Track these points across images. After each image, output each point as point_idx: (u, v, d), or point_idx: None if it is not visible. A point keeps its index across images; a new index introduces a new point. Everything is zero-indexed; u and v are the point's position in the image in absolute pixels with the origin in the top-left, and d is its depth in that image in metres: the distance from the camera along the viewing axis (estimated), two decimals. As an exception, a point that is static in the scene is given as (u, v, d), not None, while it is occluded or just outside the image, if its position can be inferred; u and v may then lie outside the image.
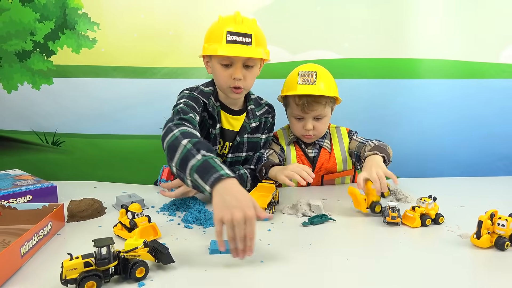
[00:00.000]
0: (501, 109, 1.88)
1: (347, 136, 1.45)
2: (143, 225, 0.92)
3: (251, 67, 1.20)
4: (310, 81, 1.31)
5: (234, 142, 1.30)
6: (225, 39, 1.14)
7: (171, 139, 0.96)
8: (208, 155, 0.88)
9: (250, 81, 1.22)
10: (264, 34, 1.23)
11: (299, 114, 1.35)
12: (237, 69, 1.17)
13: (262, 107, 1.35)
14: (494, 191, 1.47)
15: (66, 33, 1.76)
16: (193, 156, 0.88)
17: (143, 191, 1.31)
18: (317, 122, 1.36)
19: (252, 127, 1.30)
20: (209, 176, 0.83)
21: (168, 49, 1.79)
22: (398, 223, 1.04)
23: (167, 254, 0.78)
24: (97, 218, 1.08)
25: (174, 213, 1.11)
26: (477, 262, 0.88)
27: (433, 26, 1.81)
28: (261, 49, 1.18)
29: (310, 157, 1.43)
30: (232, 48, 1.14)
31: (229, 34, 1.14)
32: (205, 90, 1.26)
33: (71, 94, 1.80)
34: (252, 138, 1.33)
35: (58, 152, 1.87)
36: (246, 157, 1.34)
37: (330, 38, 1.82)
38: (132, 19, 1.76)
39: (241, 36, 1.14)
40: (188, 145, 0.91)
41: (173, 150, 0.93)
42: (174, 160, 0.92)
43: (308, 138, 1.39)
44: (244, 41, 1.14)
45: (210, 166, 0.85)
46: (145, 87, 1.81)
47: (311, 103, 1.31)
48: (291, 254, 0.87)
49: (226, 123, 1.30)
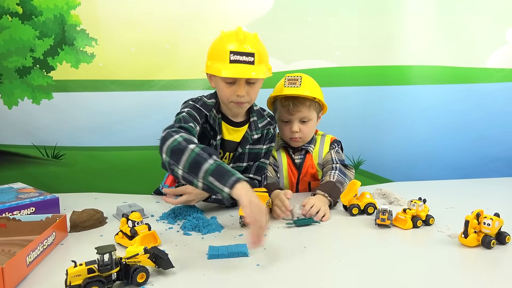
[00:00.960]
0: (490, 113, 1.93)
1: (328, 145, 1.49)
2: (143, 233, 0.95)
3: (253, 84, 1.22)
4: (295, 84, 1.39)
5: (236, 153, 1.33)
6: (229, 59, 1.15)
7: (174, 143, 1.00)
8: (219, 161, 0.96)
9: (253, 96, 1.25)
10: (265, 49, 1.25)
11: (286, 116, 1.41)
12: (240, 87, 1.19)
13: (264, 118, 1.38)
14: (484, 193, 1.51)
15: (65, 49, 1.80)
16: (205, 160, 0.94)
17: (143, 200, 1.35)
18: (303, 125, 1.41)
19: (254, 139, 1.33)
20: (227, 178, 0.91)
21: (164, 61, 1.83)
22: (388, 225, 1.08)
23: (167, 259, 0.81)
24: (98, 228, 1.11)
25: (173, 221, 1.14)
26: (465, 260, 0.92)
27: (422, 33, 1.86)
28: (263, 66, 1.20)
29: (296, 163, 1.48)
30: (235, 68, 1.15)
31: (232, 54, 1.15)
32: (207, 103, 1.28)
33: (70, 108, 1.84)
34: (253, 149, 1.36)
35: (58, 165, 1.90)
36: (246, 166, 1.37)
37: (322, 48, 1.86)
38: (129, 34, 1.81)
39: (244, 55, 1.15)
40: (197, 149, 0.97)
41: (179, 154, 0.97)
42: (181, 163, 0.96)
43: (295, 141, 1.44)
44: (247, 61, 1.16)
45: (225, 170, 0.93)
46: (143, 99, 1.85)
47: (296, 104, 1.38)
48: (286, 257, 0.91)
49: (227, 134, 1.32)
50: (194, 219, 1.11)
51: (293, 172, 1.49)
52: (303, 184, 1.49)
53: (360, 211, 1.20)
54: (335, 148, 1.48)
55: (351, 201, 1.21)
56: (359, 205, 1.20)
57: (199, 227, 1.07)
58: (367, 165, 1.98)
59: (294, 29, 1.86)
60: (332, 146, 1.49)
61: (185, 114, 1.18)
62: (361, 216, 1.20)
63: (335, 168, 1.38)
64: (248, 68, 1.16)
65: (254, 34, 1.22)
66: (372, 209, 1.20)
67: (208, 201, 1.25)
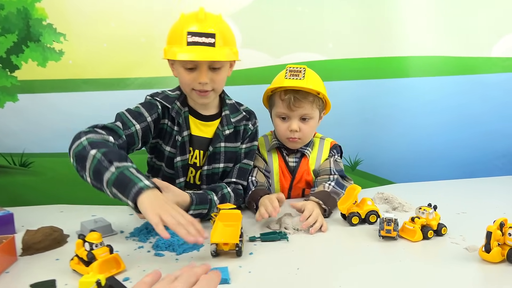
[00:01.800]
0: (496, 105, 1.80)
1: (328, 151, 1.33)
2: (103, 257, 0.79)
3: (218, 69, 1.09)
4: (298, 76, 1.21)
5: (208, 152, 1.18)
6: (186, 41, 1.02)
7: (78, 148, 0.89)
8: (122, 166, 0.84)
9: (219, 84, 1.11)
10: (231, 31, 1.12)
11: (284, 113, 1.24)
12: (202, 73, 1.06)
13: (239, 113, 1.23)
14: (495, 193, 1.39)
15: (30, 46, 1.64)
16: (106, 168, 0.84)
17: (115, 212, 1.19)
18: (303, 123, 1.25)
19: (226, 134, 1.18)
20: (128, 190, 0.81)
21: (141, 58, 1.68)
22: (394, 237, 0.93)
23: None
24: (56, 249, 0.95)
25: (144, 239, 0.98)
26: (488, 279, 0.78)
27: (421, 21, 1.73)
28: (227, 49, 1.07)
29: (290, 167, 1.31)
30: (193, 50, 1.02)
31: (190, 35, 1.02)
32: (170, 95, 1.16)
33: (38, 110, 1.68)
34: (229, 147, 1.21)
35: (27, 173, 1.74)
36: (224, 168, 1.22)
37: (313, 39, 1.72)
38: (101, 28, 1.65)
39: (203, 36, 1.02)
40: (98, 155, 0.85)
41: (82, 160, 0.87)
42: (86, 171, 0.87)
43: (292, 141, 1.27)
44: (207, 42, 1.03)
45: (127, 179, 0.82)
46: (119, 99, 1.68)
47: (298, 99, 1.21)
48: (275, 283, 0.76)
49: (195, 129, 1.17)
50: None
51: (285, 177, 1.32)
52: (296, 190, 1.32)
53: (361, 220, 1.06)
54: (334, 155, 1.32)
55: (351, 208, 1.06)
56: (359, 213, 1.05)
57: (173, 246, 0.91)
58: (364, 165, 1.84)
59: (283, 19, 1.72)
60: (331, 152, 1.33)
61: (123, 112, 1.09)
62: (362, 225, 1.06)
63: (332, 179, 1.23)
64: (208, 51, 1.03)
65: (218, 15, 1.09)
66: (375, 217, 1.05)
67: None
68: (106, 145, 0.91)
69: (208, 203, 1.08)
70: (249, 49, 1.68)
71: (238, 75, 1.67)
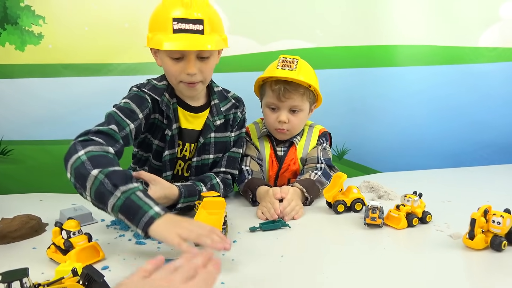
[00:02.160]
0: (483, 96, 1.81)
1: (316, 139, 1.31)
2: (80, 245, 0.76)
3: (206, 58, 1.02)
4: (290, 67, 1.18)
5: (198, 144, 1.14)
6: (172, 28, 0.95)
7: (76, 163, 0.80)
8: (128, 190, 0.76)
9: (207, 73, 1.05)
10: (219, 16, 1.06)
11: (274, 103, 1.22)
12: (190, 63, 1.00)
13: (228, 101, 1.19)
14: (481, 182, 1.40)
15: (7, 29, 1.58)
16: (111, 193, 0.76)
17: (96, 201, 1.16)
18: (292, 115, 1.22)
19: (217, 125, 1.15)
20: (138, 219, 0.74)
21: (124, 43, 1.64)
22: (379, 224, 0.93)
23: (103, 282, 0.63)
24: (33, 238, 0.92)
25: (126, 227, 0.96)
26: (472, 265, 0.78)
27: (409, 10, 1.72)
28: (216, 36, 1.01)
29: (278, 156, 1.30)
30: (180, 39, 0.95)
31: (176, 21, 0.95)
32: (158, 85, 1.08)
33: (17, 96, 1.63)
34: (220, 137, 1.17)
35: (6, 161, 1.69)
36: (214, 159, 1.18)
37: (301, 26, 1.70)
38: (83, 11, 1.60)
39: (190, 23, 0.95)
40: (100, 177, 0.77)
41: (82, 179, 0.78)
42: (87, 190, 0.78)
43: (280, 132, 1.25)
44: (195, 29, 0.96)
45: (136, 206, 0.75)
46: (101, 85, 1.65)
47: (288, 90, 1.18)
48: (259, 271, 0.74)
49: (185, 121, 1.12)
50: (150, 224, 0.93)
51: (273, 166, 1.30)
52: (282, 179, 1.30)
53: (347, 208, 1.05)
54: (323, 144, 1.30)
55: (336, 196, 1.05)
56: (345, 201, 1.04)
57: (155, 234, 0.88)
58: (351, 154, 1.84)
59: (271, 6, 1.69)
60: (320, 140, 1.30)
61: (114, 111, 0.98)
62: (348, 213, 1.05)
63: (319, 168, 1.21)
64: (196, 39, 0.96)
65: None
66: (360, 205, 1.05)
67: (174, 211, 1.03)
68: (108, 161, 0.82)
69: (197, 194, 1.04)
70: (236, 35, 1.65)
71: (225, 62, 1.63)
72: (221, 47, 1.03)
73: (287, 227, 0.95)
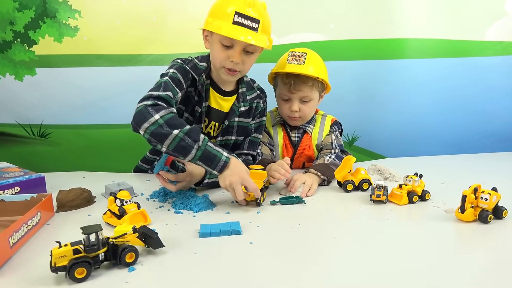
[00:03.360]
0: (487, 87, 1.90)
1: (329, 127, 1.45)
2: (132, 212, 0.92)
3: (251, 53, 1.16)
4: (299, 61, 1.31)
5: (223, 125, 1.27)
6: (232, 19, 1.08)
7: (154, 126, 0.98)
8: (203, 143, 0.99)
9: (247, 66, 1.19)
10: (270, 21, 1.18)
11: (286, 94, 1.36)
12: (236, 52, 1.12)
13: (254, 91, 1.32)
14: (479, 167, 1.51)
15: (47, 22, 1.72)
16: (191, 147, 0.97)
17: (132, 179, 1.32)
18: (303, 104, 1.36)
19: (241, 111, 1.28)
20: (214, 164, 1.00)
21: (152, 35, 1.76)
22: (384, 201, 1.06)
23: (156, 238, 0.78)
24: (86, 207, 1.08)
25: (163, 200, 1.11)
26: (462, 235, 0.90)
27: (419, 5, 1.81)
28: (265, 36, 1.14)
29: (293, 141, 1.44)
30: (237, 30, 1.08)
31: (237, 15, 1.08)
32: (198, 65, 1.21)
33: (55, 84, 1.77)
34: (242, 122, 1.31)
35: (45, 144, 1.85)
36: (235, 141, 1.32)
37: (316, 20, 1.80)
38: (114, 6, 1.73)
39: (249, 20, 1.08)
40: (180, 134, 0.97)
41: (162, 137, 0.98)
42: (165, 145, 0.98)
43: (293, 120, 1.39)
44: (251, 26, 1.09)
45: (212, 155, 1.00)
46: (131, 75, 1.79)
47: (298, 83, 1.32)
48: (280, 234, 0.89)
49: (214, 102, 1.26)
50: (185, 197, 1.08)
51: (288, 150, 1.45)
52: (297, 163, 1.45)
53: (355, 187, 1.18)
54: (335, 131, 1.44)
55: (346, 177, 1.19)
56: (353, 181, 1.18)
57: (190, 205, 1.04)
58: (361, 141, 1.96)
59: (286, 1, 1.79)
60: (332, 128, 1.44)
61: (167, 79, 1.12)
62: (356, 192, 1.18)
63: (333, 152, 1.35)
64: (251, 34, 1.09)
65: (263, 3, 1.16)
66: (367, 185, 1.18)
67: (201, 186, 1.19)
68: (180, 122, 1.00)
69: None
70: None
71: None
72: (267, 46, 1.15)
73: (302, 203, 1.10)
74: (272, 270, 0.73)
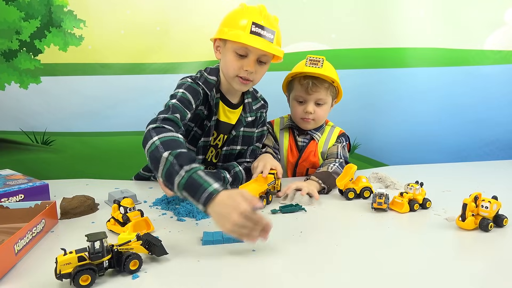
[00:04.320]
0: (487, 96, 1.92)
1: (336, 137, 1.48)
2: (135, 219, 0.93)
3: (263, 64, 1.18)
4: (317, 65, 1.37)
5: (230, 136, 1.29)
6: (250, 29, 1.10)
7: (151, 148, 0.92)
8: (191, 169, 0.84)
9: (259, 76, 1.21)
10: (281, 34, 1.20)
11: (302, 96, 1.39)
12: (250, 62, 1.14)
13: (258, 101, 1.35)
14: (480, 175, 1.51)
15: (52, 31, 1.75)
16: (177, 172, 0.84)
17: (135, 186, 1.33)
18: (317, 107, 1.40)
19: (248, 121, 1.30)
20: (199, 195, 0.81)
21: (156, 44, 1.79)
22: (385, 209, 1.07)
23: (160, 246, 0.79)
24: (90, 215, 1.09)
25: (166, 207, 1.12)
26: (463, 243, 0.91)
27: (419, 14, 1.83)
28: (278, 47, 1.17)
29: (299, 145, 1.46)
30: (255, 39, 1.10)
31: (255, 25, 1.10)
32: (209, 80, 1.21)
33: (59, 92, 1.80)
34: (247, 132, 1.33)
35: (48, 151, 1.87)
36: (240, 151, 1.34)
37: (318, 30, 1.83)
38: (119, 15, 1.76)
39: (266, 31, 1.11)
40: (170, 158, 0.87)
41: (156, 161, 0.89)
42: (159, 171, 0.89)
43: (306, 121, 1.42)
44: (268, 37, 1.12)
45: (197, 184, 0.82)
46: (134, 83, 1.81)
47: (316, 84, 1.36)
48: (282, 242, 0.89)
49: (223, 115, 1.27)
50: (188, 204, 1.09)
51: (293, 153, 1.47)
52: (301, 168, 1.47)
53: (356, 195, 1.19)
54: (342, 143, 1.47)
55: (347, 185, 1.19)
56: (355, 189, 1.19)
57: (193, 213, 1.05)
58: (362, 149, 1.97)
59: (289, 11, 1.82)
60: (339, 139, 1.47)
61: (175, 102, 1.10)
62: (357, 200, 1.19)
63: (337, 162, 1.36)
64: (267, 44, 1.12)
65: (275, 17, 1.19)
66: (368, 193, 1.19)
67: None
68: (177, 144, 0.92)
69: (222, 180, 1.21)
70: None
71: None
72: (281, 56, 1.17)
73: (303, 211, 1.10)
74: (275, 278, 0.74)
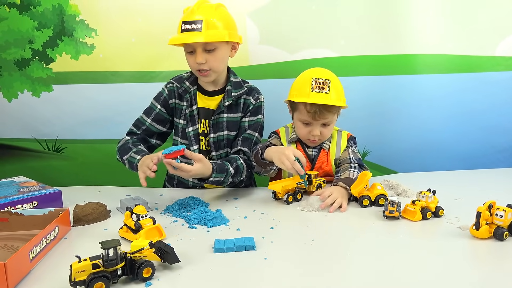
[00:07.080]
0: (499, 102, 1.89)
1: (345, 142, 1.45)
2: (148, 226, 0.93)
3: (212, 51, 1.26)
4: (323, 90, 1.30)
5: (213, 121, 1.36)
6: (180, 29, 1.25)
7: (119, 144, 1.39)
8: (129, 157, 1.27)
9: (214, 63, 1.28)
10: (226, 16, 1.30)
11: (308, 120, 1.35)
12: (197, 54, 1.26)
13: (241, 88, 1.39)
14: (493, 183, 1.49)
15: (64, 40, 1.78)
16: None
17: (146, 193, 1.33)
18: (323, 128, 1.36)
19: (225, 106, 1.36)
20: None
21: (166, 52, 1.80)
22: (397, 217, 1.06)
23: (173, 253, 0.79)
24: (102, 222, 1.10)
25: (177, 215, 1.12)
26: (477, 252, 0.90)
27: (428, 21, 1.82)
28: (214, 31, 1.23)
29: (310, 155, 1.44)
30: (184, 36, 1.23)
31: (183, 23, 1.25)
32: (183, 76, 1.41)
33: (71, 100, 1.82)
34: (231, 117, 1.38)
35: (60, 158, 1.89)
36: (227, 136, 1.38)
37: (327, 37, 1.83)
38: (129, 24, 1.78)
39: (191, 24, 1.23)
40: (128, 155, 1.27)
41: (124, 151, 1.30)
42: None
43: (313, 142, 1.40)
44: (193, 28, 1.22)
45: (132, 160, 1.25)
46: (144, 91, 1.81)
47: (323, 112, 1.31)
48: (294, 250, 0.89)
49: (201, 103, 1.39)
50: (199, 212, 1.09)
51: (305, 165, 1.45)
52: None
53: (371, 203, 1.18)
54: (352, 146, 1.45)
55: (362, 192, 1.18)
56: (369, 196, 1.17)
57: (204, 220, 1.05)
58: (372, 156, 1.96)
59: (298, 18, 1.82)
60: (349, 143, 1.45)
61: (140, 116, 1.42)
62: (371, 207, 1.18)
63: (354, 167, 1.33)
64: (195, 35, 1.22)
65: (217, 4, 1.29)
66: (383, 200, 1.17)
67: (206, 183, 1.22)
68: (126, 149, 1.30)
69: (225, 172, 1.24)
70: (267, 45, 1.80)
71: (257, 70, 1.80)
72: (217, 39, 1.25)
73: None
74: (287, 286, 0.73)
